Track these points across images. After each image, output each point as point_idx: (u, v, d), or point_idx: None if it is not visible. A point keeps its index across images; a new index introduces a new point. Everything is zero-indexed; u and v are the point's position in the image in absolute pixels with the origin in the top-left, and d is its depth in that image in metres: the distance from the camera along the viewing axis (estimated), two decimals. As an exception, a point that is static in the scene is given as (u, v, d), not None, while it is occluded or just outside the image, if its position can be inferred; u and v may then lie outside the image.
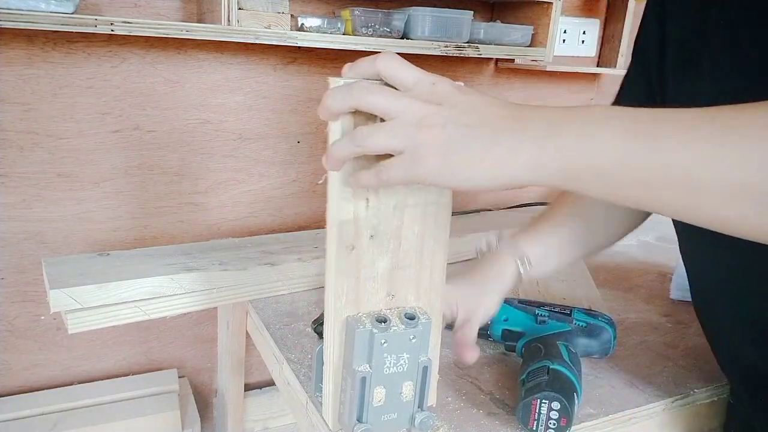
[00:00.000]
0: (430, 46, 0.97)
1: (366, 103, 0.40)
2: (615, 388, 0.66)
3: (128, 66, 0.93)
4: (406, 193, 0.48)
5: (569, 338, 0.67)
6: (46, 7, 0.72)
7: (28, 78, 0.87)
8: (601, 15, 1.34)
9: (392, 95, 0.40)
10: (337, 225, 0.46)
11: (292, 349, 0.71)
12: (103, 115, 0.93)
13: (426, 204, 0.49)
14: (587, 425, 0.60)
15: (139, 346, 1.06)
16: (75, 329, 0.71)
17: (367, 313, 0.50)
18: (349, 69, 0.43)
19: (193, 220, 1.05)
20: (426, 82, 0.40)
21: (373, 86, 0.40)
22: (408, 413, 0.53)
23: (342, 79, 0.43)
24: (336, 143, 0.42)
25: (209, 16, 0.87)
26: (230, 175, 1.06)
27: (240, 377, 1.01)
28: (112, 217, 0.98)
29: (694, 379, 0.69)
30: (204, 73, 0.98)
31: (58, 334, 0.99)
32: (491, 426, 0.58)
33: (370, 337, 0.49)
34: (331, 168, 0.44)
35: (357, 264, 0.48)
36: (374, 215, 0.48)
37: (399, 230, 0.49)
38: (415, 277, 0.51)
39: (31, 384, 0.99)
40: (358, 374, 0.49)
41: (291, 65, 1.05)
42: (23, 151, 0.90)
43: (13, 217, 0.91)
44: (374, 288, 0.50)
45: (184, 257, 0.83)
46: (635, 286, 0.95)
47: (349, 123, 0.43)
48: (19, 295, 0.95)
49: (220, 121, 1.02)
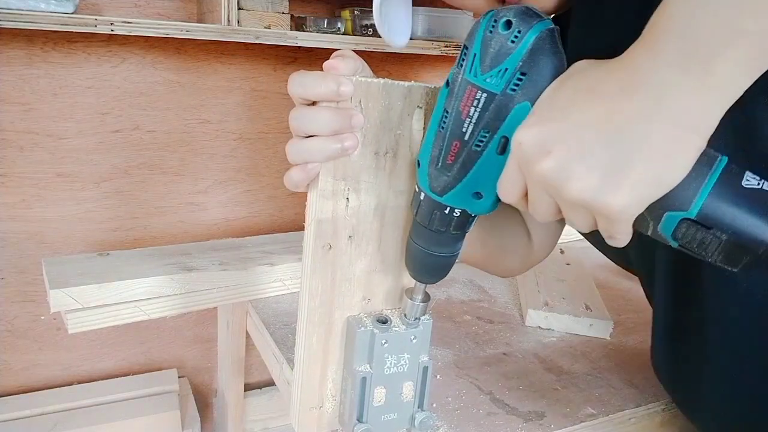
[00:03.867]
0: (430, 46, 0.97)
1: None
2: (615, 388, 0.66)
3: (128, 66, 0.93)
4: (388, 194, 0.48)
5: None
6: (46, 7, 0.72)
7: (28, 78, 0.87)
8: (601, 15, 1.34)
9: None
10: (315, 223, 0.46)
11: (292, 349, 0.70)
12: (103, 115, 0.93)
13: (408, 207, 0.49)
14: (587, 425, 0.60)
15: (139, 346, 1.06)
16: (75, 329, 0.71)
17: (368, 313, 0.50)
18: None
19: (193, 220, 1.05)
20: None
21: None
22: (408, 413, 0.53)
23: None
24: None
25: (209, 16, 0.87)
26: (230, 175, 1.06)
27: (240, 377, 1.01)
28: (112, 217, 0.98)
29: (694, 379, 0.69)
30: (204, 73, 0.98)
31: (58, 334, 0.99)
32: (491, 426, 0.58)
33: (371, 337, 0.49)
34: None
35: (333, 264, 0.48)
36: (354, 215, 0.47)
37: (379, 232, 0.49)
38: (393, 282, 0.51)
39: (31, 384, 0.99)
40: (358, 374, 0.49)
41: (291, 65, 1.05)
42: (23, 151, 0.89)
43: (13, 217, 0.91)
44: (350, 290, 0.49)
45: (184, 257, 0.82)
46: (635, 286, 0.95)
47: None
48: (19, 295, 0.95)
49: (220, 121, 1.02)
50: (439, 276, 0.47)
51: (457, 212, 0.42)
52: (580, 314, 0.78)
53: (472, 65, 0.37)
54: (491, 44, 0.36)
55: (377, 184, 0.47)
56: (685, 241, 0.35)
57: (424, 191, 0.42)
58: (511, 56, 0.36)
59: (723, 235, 0.34)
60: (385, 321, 0.49)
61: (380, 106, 0.44)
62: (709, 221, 0.34)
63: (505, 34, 0.36)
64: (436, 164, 0.41)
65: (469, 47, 0.37)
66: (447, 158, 0.40)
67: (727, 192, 0.34)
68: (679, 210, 0.34)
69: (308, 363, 0.50)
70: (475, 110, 0.37)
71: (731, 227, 0.34)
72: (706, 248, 0.35)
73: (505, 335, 0.76)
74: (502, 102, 0.37)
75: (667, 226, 0.35)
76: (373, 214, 0.48)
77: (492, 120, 0.37)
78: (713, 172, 0.34)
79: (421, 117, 0.46)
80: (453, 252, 0.46)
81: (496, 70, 0.36)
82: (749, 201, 0.34)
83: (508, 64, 0.36)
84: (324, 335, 0.50)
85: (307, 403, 0.51)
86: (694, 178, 0.34)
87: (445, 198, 0.41)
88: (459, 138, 0.39)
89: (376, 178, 0.46)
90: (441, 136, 0.40)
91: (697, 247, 0.35)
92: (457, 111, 0.38)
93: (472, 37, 0.37)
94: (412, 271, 0.47)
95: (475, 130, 0.38)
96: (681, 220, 0.34)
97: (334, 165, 0.44)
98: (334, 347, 0.51)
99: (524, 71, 0.36)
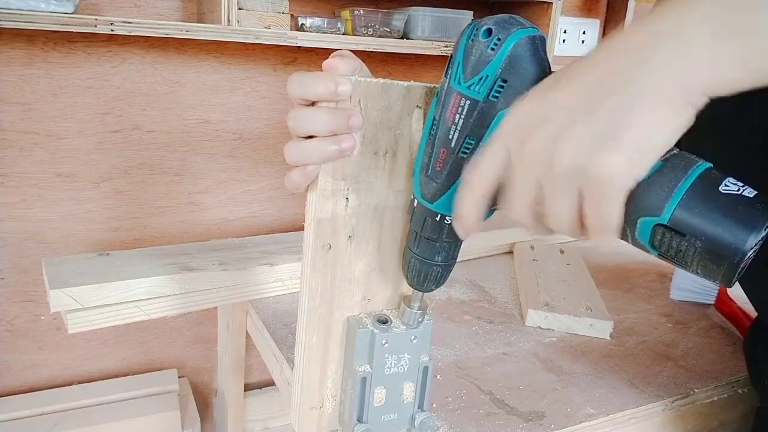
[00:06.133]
0: (430, 46, 0.97)
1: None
2: (615, 388, 0.66)
3: (128, 66, 0.93)
4: (388, 194, 0.48)
5: None
6: (46, 7, 0.72)
7: (28, 78, 0.87)
8: (601, 15, 1.34)
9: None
10: (314, 222, 0.46)
11: (292, 349, 0.70)
12: (103, 115, 0.93)
13: (407, 207, 0.49)
14: (587, 425, 0.60)
15: (139, 346, 1.06)
16: (75, 329, 0.71)
17: (368, 313, 0.50)
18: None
19: (193, 220, 1.05)
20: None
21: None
22: (408, 414, 0.53)
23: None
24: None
25: (209, 16, 0.87)
26: (230, 175, 1.06)
27: (240, 377, 1.01)
28: (112, 217, 0.98)
29: (694, 379, 0.69)
30: (204, 73, 0.98)
31: (58, 334, 0.99)
32: (491, 426, 0.58)
33: (371, 338, 0.49)
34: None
35: (333, 264, 0.48)
36: (353, 215, 0.47)
37: (378, 232, 0.49)
38: (393, 282, 0.51)
39: (31, 384, 0.99)
40: (358, 374, 0.49)
41: (291, 65, 1.05)
42: (23, 151, 0.89)
43: (13, 217, 0.91)
44: (349, 290, 0.49)
45: (184, 257, 0.82)
46: (635, 286, 0.95)
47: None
48: (19, 295, 0.95)
49: (220, 121, 1.02)
50: (437, 284, 0.47)
51: (447, 219, 0.42)
52: (580, 314, 0.78)
53: (456, 73, 0.38)
54: (472, 52, 0.37)
55: (377, 184, 0.47)
56: (663, 249, 0.34)
57: (417, 198, 0.43)
58: (490, 63, 0.36)
59: (697, 242, 0.33)
60: (385, 321, 0.49)
61: (379, 106, 0.44)
62: (683, 227, 0.33)
63: (485, 42, 0.36)
64: (426, 171, 0.41)
65: (454, 55, 0.38)
66: (436, 165, 0.40)
67: (702, 197, 0.33)
68: (652, 215, 0.33)
69: (308, 363, 0.50)
70: (460, 117, 0.38)
71: (704, 233, 0.32)
72: (684, 256, 0.34)
73: (505, 335, 0.76)
74: (485, 109, 0.37)
75: (643, 232, 0.34)
76: (372, 214, 0.48)
77: (476, 127, 0.38)
78: (688, 177, 0.33)
79: (421, 117, 0.46)
80: (449, 260, 0.46)
81: (478, 78, 0.37)
82: (724, 206, 0.32)
83: (489, 71, 0.36)
84: (324, 335, 0.50)
85: (307, 403, 0.51)
86: (667, 182, 0.33)
87: (436, 205, 0.42)
88: (446, 145, 0.39)
89: (375, 177, 0.46)
90: (430, 143, 0.41)
91: (675, 256, 0.34)
92: (444, 119, 0.39)
93: (457, 46, 0.38)
94: (409, 279, 0.48)
95: (460, 137, 0.38)
96: (655, 226, 0.34)
97: (334, 165, 0.44)
98: (334, 347, 0.51)
99: (505, 78, 0.36)
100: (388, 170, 0.47)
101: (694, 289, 0.88)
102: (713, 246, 0.32)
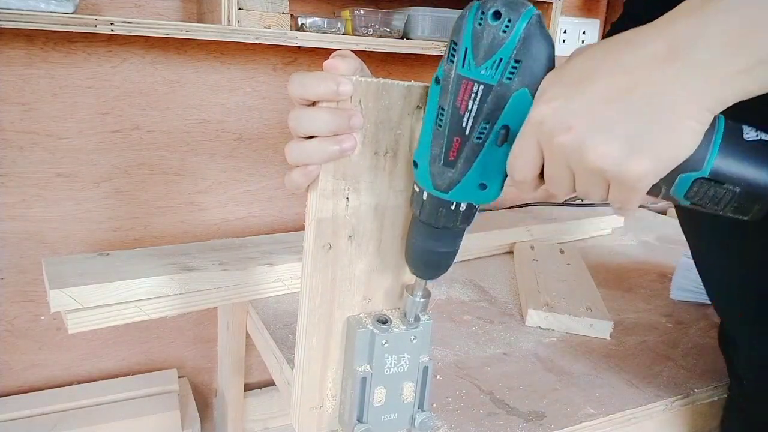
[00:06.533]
0: (430, 46, 0.97)
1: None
2: (615, 388, 0.66)
3: (128, 66, 0.93)
4: (389, 194, 0.48)
5: None
6: (46, 7, 0.72)
7: (28, 78, 0.87)
8: (601, 15, 1.35)
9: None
10: (315, 222, 0.46)
11: (292, 349, 0.70)
12: (103, 115, 0.93)
13: (408, 206, 0.49)
14: (587, 425, 0.60)
15: (139, 346, 1.06)
16: (75, 329, 0.71)
17: (368, 313, 0.50)
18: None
19: (193, 220, 1.05)
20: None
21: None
22: (408, 414, 0.53)
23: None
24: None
25: (209, 16, 0.87)
26: (230, 175, 1.06)
27: (240, 377, 1.01)
28: (112, 217, 0.98)
29: (694, 379, 0.69)
30: (204, 73, 0.98)
31: (58, 334, 0.99)
32: (491, 426, 0.58)
33: (371, 338, 0.49)
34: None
35: (333, 264, 0.48)
36: (354, 215, 0.47)
37: (379, 232, 0.49)
38: (394, 282, 0.51)
39: (31, 384, 0.99)
40: (358, 374, 0.49)
41: (291, 65, 1.05)
42: (23, 151, 0.89)
43: (13, 217, 0.91)
44: (350, 290, 0.49)
45: (184, 257, 0.82)
46: (635, 286, 0.95)
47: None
48: (19, 295, 0.95)
49: (220, 121, 1.02)
50: (443, 271, 0.47)
51: (462, 206, 0.42)
52: (580, 314, 0.78)
53: (464, 59, 0.37)
54: (483, 36, 0.36)
55: (377, 184, 0.47)
56: (698, 199, 0.37)
57: (427, 190, 0.42)
58: (504, 46, 0.36)
59: (736, 188, 0.36)
60: (385, 321, 0.49)
61: (380, 106, 0.44)
62: (721, 177, 0.36)
63: (496, 25, 0.36)
64: (437, 162, 0.41)
65: (459, 42, 0.38)
66: (449, 155, 0.40)
67: (733, 147, 0.35)
68: (693, 171, 0.36)
69: (308, 363, 0.50)
70: (474, 103, 0.38)
71: (743, 179, 0.35)
72: (719, 202, 0.37)
73: (505, 335, 0.76)
74: (499, 92, 0.37)
75: (681, 188, 0.37)
76: (373, 214, 0.48)
77: (491, 111, 0.38)
78: (717, 130, 0.35)
79: (421, 117, 0.46)
80: (455, 246, 0.46)
81: (491, 62, 0.36)
82: (755, 153, 0.35)
83: (503, 54, 0.36)
84: (324, 335, 0.50)
85: (308, 403, 0.51)
86: (702, 139, 0.35)
87: (451, 194, 0.42)
88: (459, 133, 0.39)
89: (376, 177, 0.47)
90: (440, 133, 0.40)
91: (710, 203, 0.37)
92: (454, 107, 0.38)
93: (461, 32, 0.38)
94: (414, 268, 0.48)
95: (475, 123, 0.38)
96: (694, 180, 0.36)
97: (334, 165, 0.44)
98: (335, 347, 0.51)
99: (519, 59, 0.36)
100: (388, 170, 0.47)
101: (694, 289, 0.88)
102: (751, 189, 0.36)
